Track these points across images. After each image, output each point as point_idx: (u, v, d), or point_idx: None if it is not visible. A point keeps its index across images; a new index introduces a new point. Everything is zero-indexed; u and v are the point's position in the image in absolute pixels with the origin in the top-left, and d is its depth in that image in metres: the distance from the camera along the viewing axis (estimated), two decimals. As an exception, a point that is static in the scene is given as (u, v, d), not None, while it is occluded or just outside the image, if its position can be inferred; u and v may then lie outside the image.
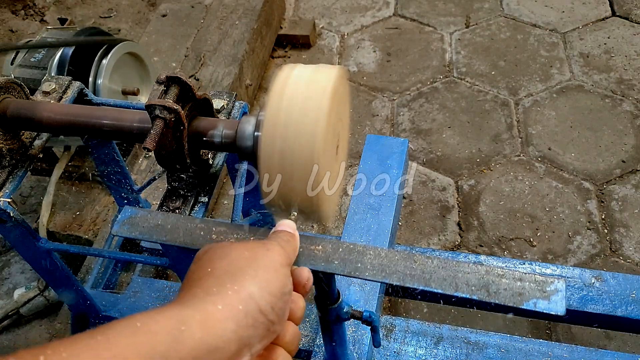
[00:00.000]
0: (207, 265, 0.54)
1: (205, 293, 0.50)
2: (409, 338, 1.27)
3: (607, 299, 1.22)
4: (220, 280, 0.51)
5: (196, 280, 0.52)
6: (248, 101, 2.45)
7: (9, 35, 2.86)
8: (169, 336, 0.44)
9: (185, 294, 0.51)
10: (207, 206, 0.92)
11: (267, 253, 0.56)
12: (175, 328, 0.45)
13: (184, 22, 2.60)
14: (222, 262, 0.54)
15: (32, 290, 1.81)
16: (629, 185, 2.09)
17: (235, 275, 0.52)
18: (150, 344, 0.43)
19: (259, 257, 0.55)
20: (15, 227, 1.05)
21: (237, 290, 0.50)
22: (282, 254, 0.58)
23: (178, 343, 0.44)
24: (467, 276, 0.68)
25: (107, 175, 1.36)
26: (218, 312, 0.48)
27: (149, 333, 0.44)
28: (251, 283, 0.52)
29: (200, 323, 0.47)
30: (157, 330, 0.44)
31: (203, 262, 0.55)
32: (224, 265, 0.53)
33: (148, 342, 0.43)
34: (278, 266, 0.56)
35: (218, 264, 0.54)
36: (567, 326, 1.74)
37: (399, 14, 2.90)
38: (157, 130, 0.77)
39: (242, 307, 0.49)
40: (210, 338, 0.46)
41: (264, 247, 0.57)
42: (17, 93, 0.97)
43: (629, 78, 2.46)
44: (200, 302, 0.49)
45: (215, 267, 0.53)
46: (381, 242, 1.28)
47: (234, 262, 0.54)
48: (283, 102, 0.70)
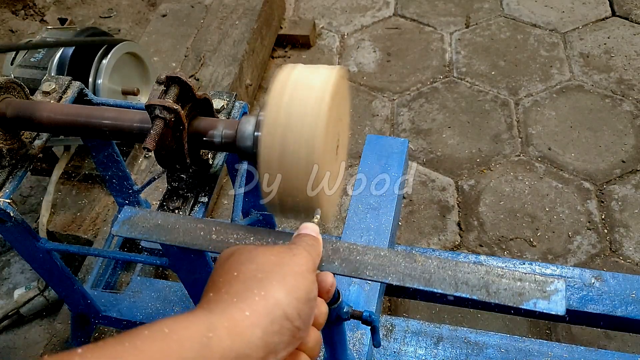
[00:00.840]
0: (233, 269, 0.53)
1: (232, 298, 0.50)
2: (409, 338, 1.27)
3: (607, 299, 1.22)
4: (246, 285, 0.51)
5: (222, 285, 0.52)
6: (248, 101, 2.45)
7: (9, 35, 2.86)
8: (197, 343, 0.44)
9: (211, 298, 0.51)
10: (207, 206, 0.92)
11: (293, 258, 0.56)
12: (204, 335, 0.45)
13: (184, 22, 2.60)
14: (248, 266, 0.53)
15: (32, 290, 1.81)
16: (629, 185, 2.09)
17: (262, 281, 0.51)
18: (178, 351, 0.43)
19: (286, 262, 0.55)
20: (15, 227, 1.05)
21: (264, 296, 0.50)
22: (308, 258, 0.57)
23: (206, 350, 0.44)
24: (467, 276, 0.68)
25: (107, 175, 1.36)
26: (245, 318, 0.48)
27: (177, 340, 0.43)
28: (278, 289, 0.51)
29: (228, 330, 0.46)
30: (186, 337, 0.44)
31: (229, 266, 0.54)
32: (251, 269, 0.53)
33: (176, 349, 0.43)
34: (305, 271, 0.55)
35: (244, 268, 0.53)
36: (567, 326, 1.74)
37: (399, 14, 2.90)
38: (157, 130, 0.77)
39: (268, 314, 0.49)
40: (238, 345, 0.46)
41: (290, 251, 0.57)
42: (17, 93, 0.97)
43: (629, 78, 2.46)
44: (228, 308, 0.48)
45: (241, 271, 0.53)
46: (381, 242, 1.28)
47: (260, 266, 0.53)
48: (283, 102, 0.70)
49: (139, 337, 0.43)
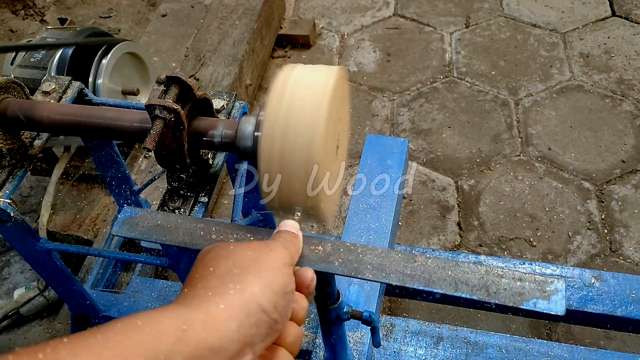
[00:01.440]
0: (210, 265, 0.54)
1: (208, 293, 0.50)
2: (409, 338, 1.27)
3: (607, 299, 1.22)
4: (222, 280, 0.51)
5: (198, 280, 0.52)
6: (248, 101, 2.45)
7: (9, 35, 2.86)
8: (172, 336, 0.44)
9: (187, 293, 0.51)
10: (207, 206, 0.92)
11: (270, 253, 0.56)
12: (179, 328, 0.45)
13: (184, 22, 2.60)
14: (225, 262, 0.54)
15: (32, 290, 1.81)
16: (629, 185, 2.09)
17: (238, 275, 0.52)
18: (152, 344, 0.43)
19: (262, 257, 0.55)
20: (15, 227, 1.05)
21: (240, 289, 0.51)
22: (285, 253, 0.58)
23: (181, 343, 0.44)
24: (467, 276, 0.68)
25: (107, 175, 1.36)
26: (221, 312, 0.48)
27: (151, 333, 0.43)
28: (254, 283, 0.52)
29: (203, 323, 0.47)
30: (160, 330, 0.44)
31: (205, 262, 0.55)
32: (227, 265, 0.53)
33: (151, 341, 0.43)
34: (281, 266, 0.56)
35: (221, 264, 0.54)
36: (567, 326, 1.74)
37: (399, 14, 2.90)
38: (157, 130, 0.77)
39: (244, 307, 0.49)
40: (214, 338, 0.46)
41: (267, 247, 0.57)
42: (17, 93, 0.97)
43: (629, 78, 2.46)
44: (203, 302, 0.49)
45: (218, 266, 0.53)
46: (381, 242, 1.28)
47: (237, 262, 0.54)
48: (283, 102, 0.70)
49: (112, 330, 0.43)
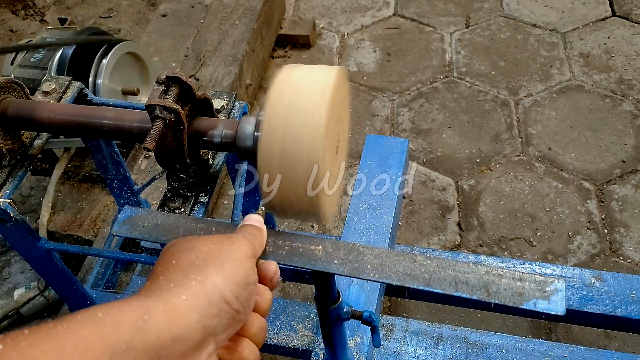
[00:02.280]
0: (172, 258, 0.54)
1: (170, 284, 0.51)
2: (409, 338, 1.27)
3: (607, 299, 1.22)
4: (184, 271, 0.52)
5: (160, 273, 0.53)
6: (248, 101, 2.45)
7: (9, 35, 2.86)
8: (133, 326, 0.44)
9: (149, 285, 0.52)
10: (207, 206, 0.92)
11: (232, 246, 0.57)
12: (139, 318, 0.45)
13: (184, 22, 2.60)
14: (187, 255, 0.54)
15: (32, 290, 1.81)
16: (629, 185, 2.09)
17: (200, 267, 0.53)
18: (113, 334, 0.43)
19: (224, 249, 0.56)
20: (15, 227, 1.05)
21: (202, 280, 0.51)
22: (247, 246, 0.59)
23: (142, 332, 0.45)
24: (467, 276, 0.68)
25: (107, 175, 1.36)
26: (182, 302, 0.49)
27: (112, 323, 0.44)
28: (215, 274, 0.52)
29: (164, 313, 0.47)
30: (121, 320, 0.44)
31: (168, 255, 0.55)
32: (189, 257, 0.54)
33: (111, 332, 0.43)
34: (243, 258, 0.57)
35: (183, 257, 0.54)
36: (567, 326, 1.74)
37: (399, 14, 2.90)
38: (157, 130, 0.77)
39: (206, 297, 0.50)
40: (175, 327, 0.47)
41: (229, 240, 0.58)
42: (17, 93, 0.97)
43: (629, 78, 2.46)
44: (165, 293, 0.49)
45: (180, 259, 0.54)
46: (381, 242, 1.28)
47: (199, 254, 0.54)
48: (283, 102, 0.70)
49: (73, 321, 0.43)
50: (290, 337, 1.28)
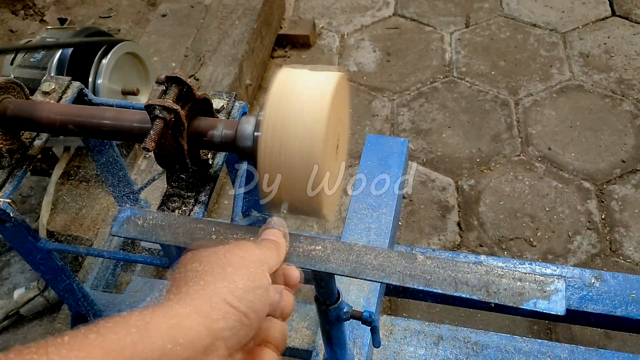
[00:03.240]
0: (177, 273, 0.55)
1: (170, 295, 0.51)
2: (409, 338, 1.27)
3: (607, 299, 1.22)
4: (186, 281, 0.53)
5: (164, 288, 0.54)
6: (248, 101, 2.45)
7: (9, 35, 2.86)
8: (135, 334, 0.45)
9: (151, 301, 0.53)
10: (207, 206, 0.92)
11: (238, 252, 0.57)
12: (140, 326, 0.46)
13: (184, 22, 2.60)
14: (191, 265, 0.55)
15: (32, 290, 1.81)
16: (629, 185, 2.09)
17: (202, 274, 0.53)
18: (115, 345, 0.43)
19: (229, 256, 0.56)
20: (15, 227, 1.05)
21: (203, 286, 0.52)
22: (256, 252, 0.59)
23: (145, 339, 0.45)
24: (467, 276, 0.68)
25: (107, 175, 1.36)
26: (182, 307, 0.49)
27: (113, 335, 0.44)
28: (217, 279, 0.53)
29: (165, 318, 0.47)
30: (122, 330, 0.45)
31: (175, 272, 0.56)
32: (194, 267, 0.54)
33: (113, 344, 0.43)
34: (249, 263, 0.56)
35: (189, 267, 0.55)
36: (567, 326, 1.74)
37: (398, 14, 2.90)
38: (156, 131, 0.77)
39: (207, 301, 0.50)
40: (177, 332, 0.47)
41: (236, 246, 0.58)
42: (17, 93, 0.97)
43: (629, 78, 2.46)
44: (165, 302, 0.50)
45: (185, 270, 0.54)
46: (381, 242, 1.28)
47: (203, 263, 0.55)
48: (283, 102, 0.70)
49: (74, 336, 0.43)
50: (290, 337, 1.28)
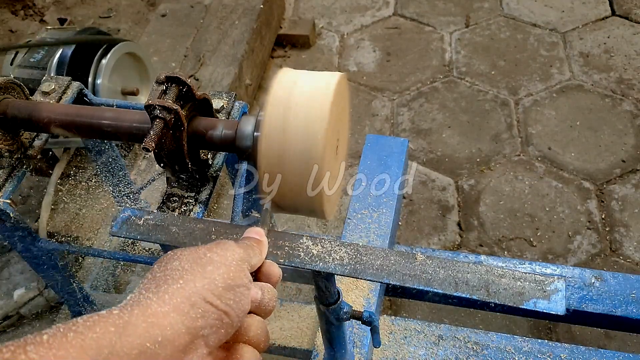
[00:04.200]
0: (157, 271, 0.54)
1: (149, 294, 0.51)
2: (409, 338, 1.27)
3: (607, 299, 1.22)
4: (165, 279, 0.52)
5: (143, 286, 0.53)
6: (248, 101, 2.45)
7: (9, 36, 2.86)
8: (114, 333, 0.45)
9: (129, 299, 0.51)
10: (207, 206, 0.92)
11: (219, 251, 0.57)
12: (119, 325, 0.46)
13: (184, 22, 2.60)
14: (173, 264, 0.54)
15: (32, 291, 1.81)
16: (629, 185, 2.09)
17: (182, 272, 0.53)
18: (94, 343, 0.43)
19: (209, 255, 0.56)
20: (14, 227, 1.05)
21: (182, 285, 0.51)
22: (236, 251, 0.58)
23: (123, 338, 0.45)
24: (467, 276, 0.68)
25: (107, 175, 1.36)
26: (160, 306, 0.49)
27: (91, 333, 0.44)
28: (196, 277, 0.53)
29: (142, 317, 0.47)
30: (100, 329, 0.45)
31: (154, 269, 0.55)
32: (174, 265, 0.54)
33: (92, 342, 0.43)
34: (229, 261, 0.56)
35: (169, 266, 0.54)
36: (567, 326, 1.74)
37: (398, 14, 2.90)
38: (156, 131, 0.77)
39: (186, 300, 0.50)
40: (155, 330, 0.47)
41: (217, 245, 0.58)
42: (16, 93, 0.97)
43: (629, 78, 2.46)
44: (143, 301, 0.49)
45: (166, 269, 0.54)
46: (381, 242, 1.28)
47: (183, 262, 0.54)
48: (283, 102, 0.70)
49: (53, 336, 0.43)
50: (291, 337, 1.28)
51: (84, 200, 1.94)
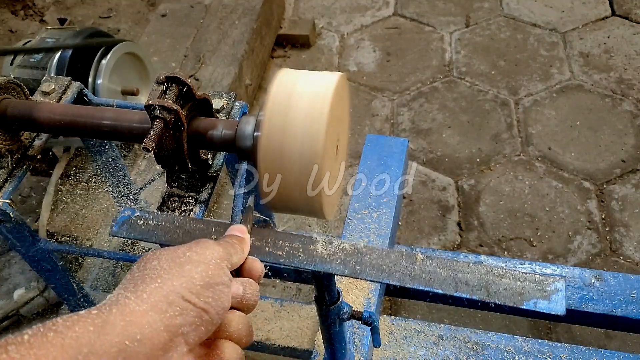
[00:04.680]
0: (136, 270, 0.54)
1: (127, 293, 0.51)
2: (409, 338, 1.27)
3: (607, 299, 1.22)
4: (144, 279, 0.52)
5: (122, 285, 0.53)
6: (248, 101, 2.45)
7: (9, 36, 2.86)
8: (92, 332, 0.45)
9: (109, 299, 0.51)
10: (207, 206, 0.92)
11: (197, 250, 0.57)
12: (97, 324, 0.46)
13: (184, 22, 2.60)
14: (152, 263, 0.55)
15: (32, 291, 1.81)
16: (629, 185, 2.09)
17: (160, 272, 0.53)
18: (74, 342, 0.44)
19: (188, 254, 0.56)
20: (14, 227, 1.05)
21: (160, 284, 0.52)
22: (216, 249, 0.58)
23: (102, 337, 0.45)
24: (467, 276, 0.68)
25: (107, 175, 1.36)
26: (138, 305, 0.49)
27: (71, 333, 0.44)
28: (174, 276, 0.53)
29: (121, 316, 0.48)
30: (79, 329, 0.45)
31: (133, 269, 0.55)
32: (153, 265, 0.54)
33: (71, 341, 0.44)
34: (207, 260, 0.56)
35: (148, 265, 0.54)
36: (567, 326, 1.74)
37: (398, 14, 2.90)
38: (156, 131, 0.77)
39: (163, 298, 0.50)
40: (134, 328, 0.47)
41: (196, 244, 0.58)
42: (16, 93, 0.97)
43: (629, 78, 2.46)
44: (121, 300, 0.50)
45: (146, 268, 0.54)
46: (381, 242, 1.28)
47: (161, 261, 0.55)
48: (283, 102, 0.70)
49: (34, 335, 0.43)
50: (290, 337, 1.28)
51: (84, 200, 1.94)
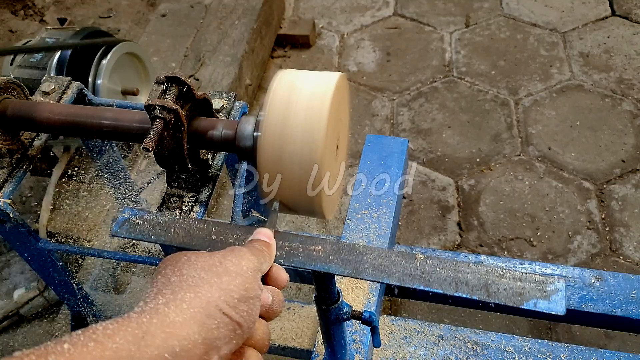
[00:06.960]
0: (169, 275, 0.54)
1: (166, 301, 0.50)
2: (409, 338, 1.27)
3: (607, 299, 1.22)
4: (181, 287, 0.52)
5: (158, 291, 0.52)
6: (247, 101, 2.45)
7: (9, 36, 2.86)
8: (132, 344, 0.45)
9: (145, 304, 0.51)
10: (207, 206, 0.92)
11: (233, 259, 0.56)
12: (137, 335, 0.45)
13: (184, 22, 2.60)
14: (187, 270, 0.54)
15: (32, 291, 1.81)
16: (629, 185, 2.09)
17: (197, 281, 0.52)
18: (113, 355, 0.43)
19: (225, 263, 0.55)
20: (15, 227, 1.05)
21: (198, 294, 0.51)
22: (250, 260, 0.58)
23: (142, 350, 0.45)
24: (467, 276, 0.68)
25: (107, 176, 1.36)
26: (178, 315, 0.49)
27: (110, 344, 0.44)
28: (213, 287, 0.52)
29: (161, 327, 0.47)
30: (119, 340, 0.44)
31: (165, 272, 0.55)
32: (189, 272, 0.54)
33: (111, 354, 0.43)
34: (244, 271, 0.56)
35: (183, 272, 0.54)
36: (567, 326, 1.74)
37: (398, 14, 2.90)
38: (156, 131, 0.77)
39: (203, 310, 0.50)
40: (173, 340, 0.47)
41: (232, 253, 0.58)
42: (16, 93, 0.97)
43: (629, 77, 2.46)
44: (161, 309, 0.49)
45: (182, 274, 0.53)
46: (381, 242, 1.28)
47: (198, 269, 0.54)
48: (283, 102, 0.70)
49: (74, 345, 0.43)
50: (291, 337, 1.28)
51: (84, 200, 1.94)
